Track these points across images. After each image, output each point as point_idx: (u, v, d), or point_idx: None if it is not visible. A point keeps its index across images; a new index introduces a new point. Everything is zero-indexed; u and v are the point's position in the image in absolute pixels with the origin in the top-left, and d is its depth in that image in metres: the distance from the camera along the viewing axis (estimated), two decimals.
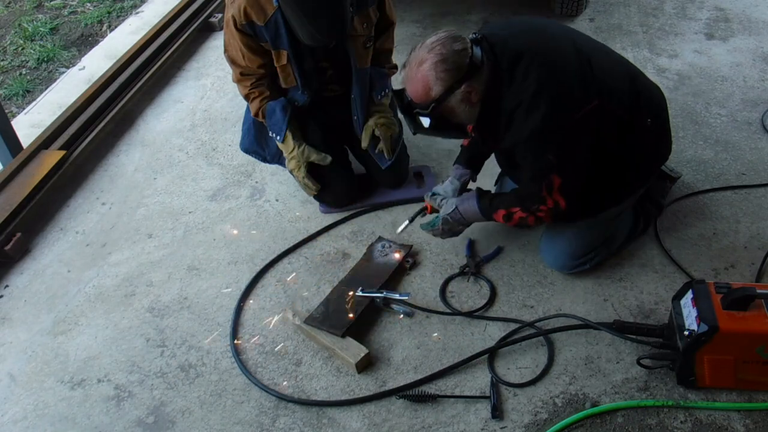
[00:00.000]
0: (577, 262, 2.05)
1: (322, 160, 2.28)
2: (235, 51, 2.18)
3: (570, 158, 1.81)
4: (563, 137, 1.78)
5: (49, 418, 1.82)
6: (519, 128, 1.78)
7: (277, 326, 2.02)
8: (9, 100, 3.52)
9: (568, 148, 1.80)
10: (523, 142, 1.80)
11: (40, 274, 2.28)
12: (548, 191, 1.83)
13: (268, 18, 2.05)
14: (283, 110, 2.24)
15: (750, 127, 2.67)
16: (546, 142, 1.78)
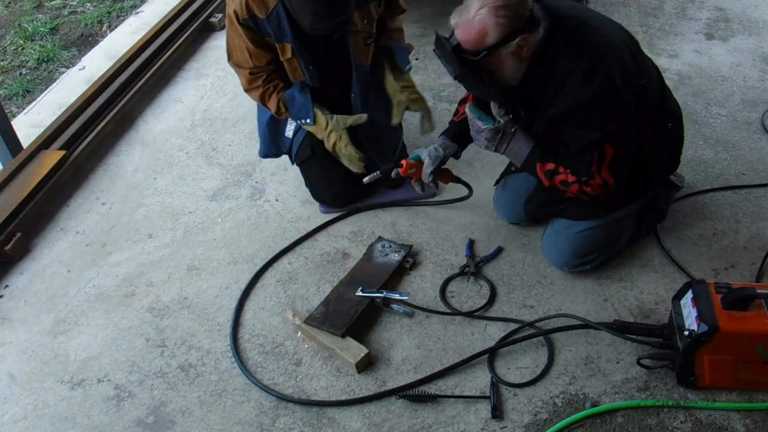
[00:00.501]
0: (580, 261, 2.04)
1: (359, 119, 2.21)
2: (241, 52, 2.15)
3: (625, 129, 1.75)
4: (623, 106, 1.73)
5: (49, 418, 1.82)
6: (576, 91, 1.71)
7: (277, 326, 2.02)
8: (9, 100, 3.52)
9: (625, 119, 1.75)
10: (582, 106, 1.71)
11: (40, 274, 2.28)
12: (598, 166, 1.77)
13: (270, 11, 2.03)
14: (302, 92, 2.19)
15: (750, 127, 2.67)
16: (607, 107, 1.71)
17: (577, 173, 1.82)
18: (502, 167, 2.54)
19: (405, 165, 2.05)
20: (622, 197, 1.98)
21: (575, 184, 1.83)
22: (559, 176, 1.85)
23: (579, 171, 1.82)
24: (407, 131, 2.60)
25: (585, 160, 1.79)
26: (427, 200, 2.42)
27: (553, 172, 1.86)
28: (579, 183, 1.82)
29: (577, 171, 1.82)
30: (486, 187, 2.46)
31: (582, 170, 1.81)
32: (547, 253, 2.12)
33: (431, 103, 2.96)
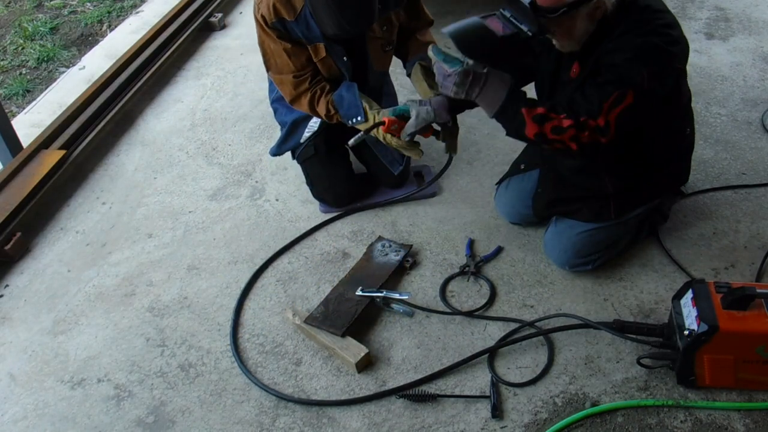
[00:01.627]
0: (581, 261, 2.04)
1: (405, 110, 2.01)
2: (279, 56, 2.10)
3: (654, 91, 1.69)
4: (665, 69, 1.70)
5: (49, 418, 1.82)
6: (631, 38, 1.67)
7: (277, 326, 2.02)
8: (9, 99, 3.52)
9: (660, 82, 1.70)
10: (629, 48, 1.66)
11: (40, 273, 2.28)
12: (611, 106, 1.67)
13: (298, 13, 2.01)
14: (349, 90, 2.11)
15: (750, 127, 2.67)
16: (651, 60, 1.66)
17: (577, 111, 1.70)
18: (502, 166, 2.55)
19: (388, 122, 1.98)
20: (633, 200, 1.99)
21: (570, 129, 1.69)
22: (550, 122, 1.71)
23: (583, 107, 1.70)
24: None
25: (602, 95, 1.68)
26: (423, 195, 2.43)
27: (543, 117, 1.71)
28: (575, 127, 1.69)
29: (580, 108, 1.70)
30: (486, 187, 2.47)
31: (589, 106, 1.69)
32: (549, 252, 2.12)
33: None
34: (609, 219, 1.99)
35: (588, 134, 1.69)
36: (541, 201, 2.11)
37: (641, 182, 1.97)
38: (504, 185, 2.28)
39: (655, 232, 2.19)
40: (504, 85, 1.76)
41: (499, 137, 2.73)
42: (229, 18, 3.85)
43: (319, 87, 2.14)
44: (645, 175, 1.95)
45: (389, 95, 2.43)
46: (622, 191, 1.97)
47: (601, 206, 1.98)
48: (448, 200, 2.43)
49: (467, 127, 2.81)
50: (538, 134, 1.73)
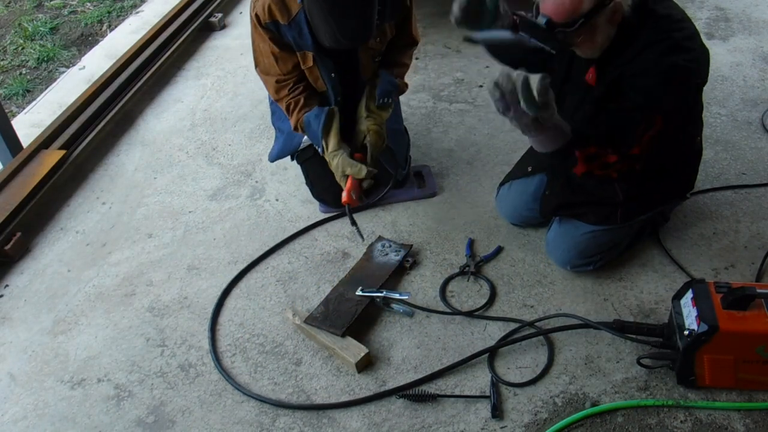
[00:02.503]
0: (583, 261, 2.04)
1: (358, 173, 2.08)
2: (267, 57, 2.11)
3: (678, 109, 1.71)
4: (688, 91, 1.71)
5: (49, 418, 1.82)
6: (656, 57, 1.64)
7: (277, 326, 2.02)
8: (9, 99, 3.52)
9: (684, 101, 1.71)
10: (656, 72, 1.64)
11: (40, 273, 2.28)
12: (642, 133, 1.68)
13: (292, 17, 2.00)
14: (317, 119, 2.12)
15: (750, 127, 2.67)
16: (677, 84, 1.66)
17: (617, 144, 1.70)
18: (502, 166, 2.56)
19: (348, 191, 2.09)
20: (641, 206, 1.98)
21: (616, 164, 1.71)
22: (598, 160, 1.72)
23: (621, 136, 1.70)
24: (410, 132, 2.60)
25: (632, 123, 1.68)
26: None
27: (594, 156, 1.71)
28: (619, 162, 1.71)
29: (616, 140, 1.70)
30: (486, 187, 2.47)
31: (624, 137, 1.69)
32: (551, 251, 2.12)
33: (431, 103, 2.97)
34: (615, 223, 1.99)
35: (627, 164, 1.73)
36: (549, 204, 2.10)
37: (651, 189, 1.97)
38: (507, 186, 2.27)
39: (656, 232, 2.19)
40: (563, 137, 1.67)
41: (499, 137, 2.74)
42: (229, 18, 3.85)
43: (293, 100, 2.16)
44: (655, 183, 1.94)
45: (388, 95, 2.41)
46: (631, 198, 1.96)
47: (609, 211, 1.98)
48: (448, 200, 2.44)
49: (467, 127, 2.81)
50: (585, 173, 1.73)
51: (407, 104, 2.95)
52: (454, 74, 3.17)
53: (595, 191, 1.99)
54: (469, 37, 1.79)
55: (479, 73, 3.16)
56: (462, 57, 3.30)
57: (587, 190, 2.00)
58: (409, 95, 3.01)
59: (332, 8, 1.86)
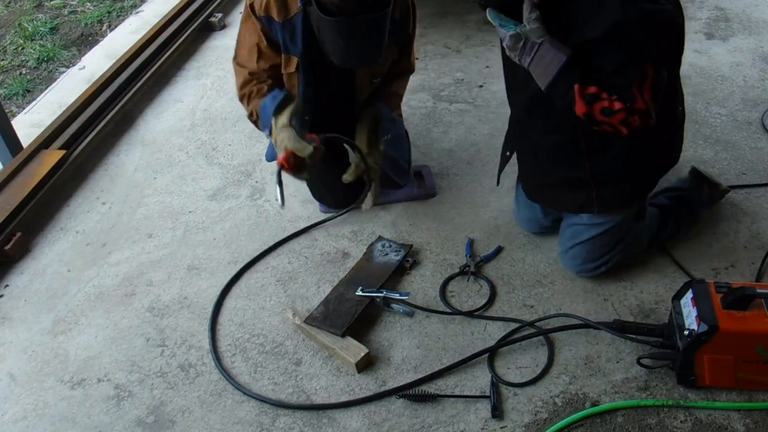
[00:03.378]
0: (592, 265, 2.03)
1: (301, 151, 1.91)
2: (250, 50, 2.02)
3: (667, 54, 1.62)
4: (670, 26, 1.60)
5: (49, 418, 1.82)
6: (617, 12, 1.53)
7: (277, 326, 2.02)
8: (9, 99, 3.52)
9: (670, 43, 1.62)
10: (623, 25, 1.53)
11: (40, 273, 2.28)
12: (639, 86, 1.58)
13: (288, 17, 1.94)
14: (273, 100, 1.98)
15: (750, 127, 2.67)
16: (651, 27, 1.55)
17: (622, 98, 1.59)
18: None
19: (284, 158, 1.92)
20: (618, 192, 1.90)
21: (621, 112, 1.58)
22: (600, 103, 1.60)
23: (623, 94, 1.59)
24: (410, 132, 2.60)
25: (624, 81, 1.58)
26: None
27: (594, 97, 1.60)
28: (625, 111, 1.58)
29: (621, 95, 1.59)
30: (486, 187, 2.47)
31: (623, 93, 1.59)
32: (563, 261, 2.10)
33: (431, 103, 2.97)
34: (591, 211, 1.94)
35: (638, 118, 1.60)
36: (527, 183, 2.07)
37: (625, 167, 1.85)
38: (515, 199, 2.25)
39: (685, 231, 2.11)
40: (557, 59, 1.60)
41: (498, 137, 2.72)
42: (229, 18, 3.85)
43: (256, 87, 2.03)
44: (630, 159, 1.82)
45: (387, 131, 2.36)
46: (603, 178, 1.87)
47: (585, 198, 1.91)
48: (448, 200, 2.44)
49: (467, 127, 2.81)
50: (586, 114, 1.62)
51: (407, 104, 2.94)
52: (454, 74, 3.17)
53: (561, 167, 1.91)
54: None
55: (479, 73, 3.16)
56: (462, 57, 3.30)
57: (555, 167, 1.93)
58: (409, 95, 3.00)
59: (343, 29, 1.80)
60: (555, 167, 1.96)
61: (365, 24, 1.80)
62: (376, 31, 1.84)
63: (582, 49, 1.61)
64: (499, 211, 2.36)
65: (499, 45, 1.77)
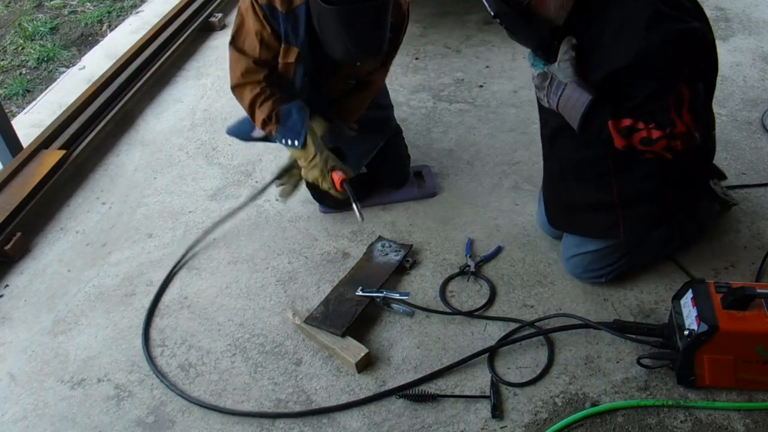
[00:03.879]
0: (592, 275, 2.01)
1: (347, 170, 2.05)
2: (251, 36, 1.96)
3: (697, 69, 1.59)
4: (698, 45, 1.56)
5: (49, 418, 1.82)
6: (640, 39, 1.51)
7: (277, 326, 2.02)
8: (9, 99, 3.52)
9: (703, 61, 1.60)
10: (649, 54, 1.51)
11: (40, 273, 2.28)
12: (678, 109, 1.55)
13: (292, 8, 1.92)
14: (300, 112, 2.01)
15: (750, 127, 2.67)
16: (682, 51, 1.53)
17: (660, 125, 1.57)
18: (502, 166, 2.56)
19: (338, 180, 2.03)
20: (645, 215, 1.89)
21: (662, 140, 1.57)
22: (638, 134, 1.59)
23: (662, 120, 1.58)
24: (407, 131, 2.60)
25: (660, 107, 1.57)
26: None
27: (630, 129, 1.59)
28: (666, 137, 1.57)
29: (658, 122, 1.58)
30: (486, 187, 2.47)
31: (661, 119, 1.57)
32: (565, 266, 2.09)
33: (431, 103, 2.97)
34: (617, 236, 1.90)
35: (681, 142, 1.60)
36: (552, 208, 2.04)
37: (652, 188, 1.83)
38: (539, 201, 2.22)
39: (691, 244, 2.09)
40: (582, 100, 1.62)
41: (499, 137, 2.74)
42: (229, 18, 3.84)
43: (270, 89, 2.01)
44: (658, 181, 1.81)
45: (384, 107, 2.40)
46: (631, 200, 1.85)
47: (611, 221, 1.88)
48: (448, 200, 2.44)
49: (467, 127, 2.81)
50: (626, 146, 1.63)
51: (407, 104, 2.95)
52: (454, 74, 3.17)
53: (590, 187, 1.90)
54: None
55: (479, 73, 3.16)
56: (462, 57, 3.30)
57: (582, 187, 1.92)
58: (409, 95, 3.01)
59: (344, 17, 1.79)
60: (581, 187, 1.92)
61: (367, 12, 1.79)
62: (378, 20, 1.84)
63: (611, 80, 1.60)
64: (499, 211, 2.36)
65: (498, 45, 1.78)
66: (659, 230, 2.00)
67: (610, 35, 1.57)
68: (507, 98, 2.97)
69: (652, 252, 2.05)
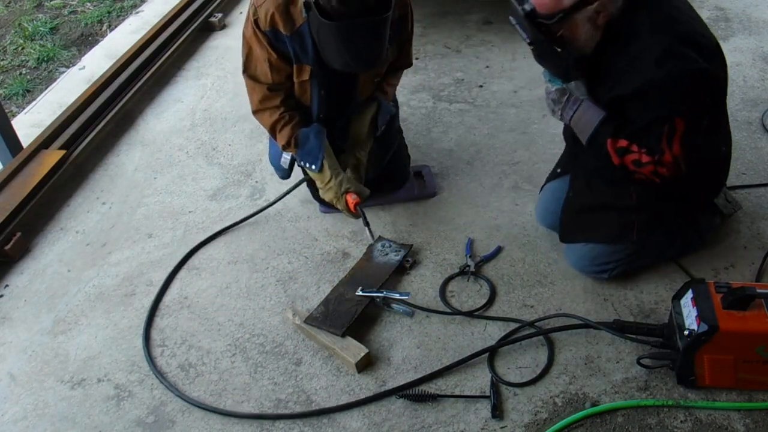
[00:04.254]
0: (597, 269, 2.02)
1: (361, 193, 2.11)
2: (261, 63, 2.02)
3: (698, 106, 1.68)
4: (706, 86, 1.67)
5: (49, 418, 1.82)
6: (647, 71, 1.63)
7: (277, 326, 2.02)
8: (9, 99, 3.52)
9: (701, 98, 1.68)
10: (654, 86, 1.64)
11: (40, 273, 2.28)
12: (668, 140, 1.68)
13: (296, 29, 1.93)
14: (318, 136, 2.06)
15: (750, 127, 2.67)
16: (681, 88, 1.64)
17: (651, 151, 1.72)
18: (502, 166, 2.56)
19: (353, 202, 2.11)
20: (657, 219, 1.94)
21: (649, 165, 1.72)
22: (631, 155, 1.74)
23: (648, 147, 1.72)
24: (407, 131, 2.60)
25: (653, 135, 1.70)
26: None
27: (625, 150, 1.75)
28: (653, 163, 1.72)
29: (650, 148, 1.72)
30: (486, 187, 2.47)
31: (653, 146, 1.71)
32: (567, 257, 2.10)
33: (431, 103, 2.97)
34: (630, 238, 1.95)
35: (666, 169, 1.74)
36: (570, 208, 2.06)
37: (668, 197, 1.90)
38: (543, 190, 2.25)
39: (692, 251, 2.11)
40: (599, 113, 1.77)
41: (499, 137, 2.74)
42: (229, 18, 3.85)
43: (288, 114, 2.08)
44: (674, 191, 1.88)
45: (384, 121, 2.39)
46: (646, 206, 1.91)
47: (625, 223, 1.93)
48: (448, 200, 2.44)
49: (467, 127, 2.81)
50: (620, 165, 1.79)
51: (407, 104, 2.95)
52: (454, 74, 3.17)
53: (610, 188, 1.95)
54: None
55: (479, 73, 3.16)
56: (462, 57, 3.30)
57: (604, 189, 1.97)
58: (409, 95, 3.01)
59: (343, 32, 1.79)
60: (605, 186, 1.97)
61: (366, 27, 1.80)
62: (377, 34, 1.84)
63: (616, 104, 1.75)
64: (499, 211, 2.36)
65: (498, 45, 1.81)
66: (663, 233, 2.03)
67: (624, 65, 1.69)
68: (507, 98, 2.97)
69: (654, 254, 2.06)
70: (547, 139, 2.69)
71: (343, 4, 1.74)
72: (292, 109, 2.10)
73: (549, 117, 2.80)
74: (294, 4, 1.92)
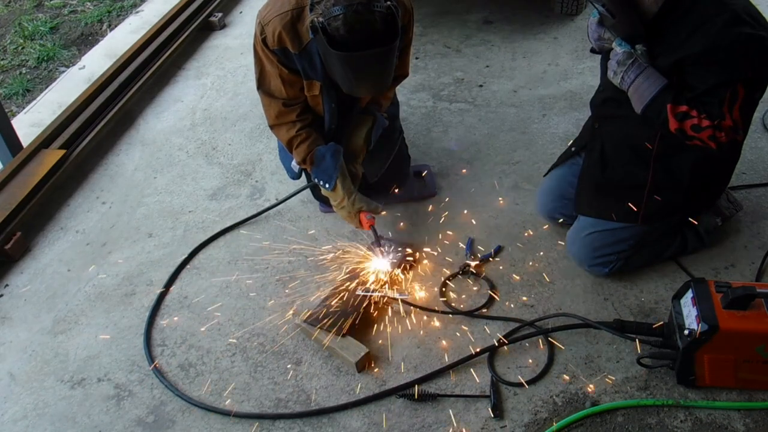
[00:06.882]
0: (598, 261, 2.03)
1: (374, 210, 2.14)
2: (275, 79, 2.02)
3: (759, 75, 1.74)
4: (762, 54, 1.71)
5: (49, 417, 1.82)
6: (717, 33, 1.68)
7: (277, 326, 2.02)
8: (9, 99, 3.52)
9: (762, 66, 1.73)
10: (722, 48, 1.68)
11: (40, 273, 2.28)
12: (730, 106, 1.72)
13: (303, 46, 1.93)
14: (334, 156, 2.07)
15: (750, 127, 2.66)
16: (748, 53, 1.69)
17: (711, 116, 1.73)
18: (502, 166, 2.56)
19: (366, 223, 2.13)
20: (664, 207, 1.95)
21: (708, 129, 1.73)
22: (690, 120, 1.75)
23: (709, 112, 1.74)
24: (407, 131, 2.60)
25: (715, 100, 1.73)
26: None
27: (685, 115, 1.75)
28: (713, 128, 1.73)
29: (710, 113, 1.74)
30: (486, 187, 2.47)
31: (713, 110, 1.73)
32: (569, 249, 2.10)
33: (431, 103, 2.97)
34: (634, 221, 1.96)
35: (725, 134, 1.74)
36: (585, 182, 2.07)
37: (680, 185, 1.93)
38: (548, 177, 2.25)
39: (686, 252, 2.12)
40: (661, 80, 1.79)
41: (499, 137, 2.74)
42: (229, 18, 3.85)
43: (305, 131, 2.09)
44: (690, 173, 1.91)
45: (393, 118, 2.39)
46: (657, 188, 1.93)
47: (633, 205, 1.95)
48: (448, 200, 2.44)
49: (467, 126, 2.81)
50: (678, 129, 1.78)
51: (407, 104, 2.95)
52: (454, 74, 3.17)
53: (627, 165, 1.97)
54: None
55: (479, 72, 3.16)
56: (462, 57, 3.30)
57: (622, 163, 1.98)
58: (409, 95, 3.01)
59: (352, 63, 1.79)
60: (621, 163, 1.99)
61: (374, 58, 1.78)
62: (385, 63, 1.83)
63: (677, 67, 1.77)
64: (499, 211, 2.36)
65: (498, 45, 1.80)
66: (664, 233, 2.03)
67: (689, 28, 1.73)
68: (507, 98, 2.97)
69: (655, 253, 2.07)
70: (546, 138, 2.69)
71: (352, 33, 1.71)
72: (309, 124, 2.11)
73: (549, 116, 2.82)
74: (301, 22, 1.90)
